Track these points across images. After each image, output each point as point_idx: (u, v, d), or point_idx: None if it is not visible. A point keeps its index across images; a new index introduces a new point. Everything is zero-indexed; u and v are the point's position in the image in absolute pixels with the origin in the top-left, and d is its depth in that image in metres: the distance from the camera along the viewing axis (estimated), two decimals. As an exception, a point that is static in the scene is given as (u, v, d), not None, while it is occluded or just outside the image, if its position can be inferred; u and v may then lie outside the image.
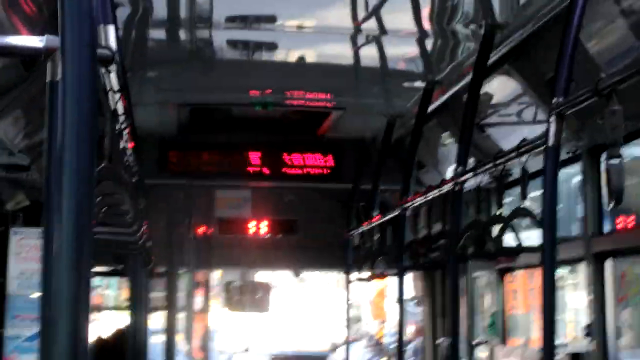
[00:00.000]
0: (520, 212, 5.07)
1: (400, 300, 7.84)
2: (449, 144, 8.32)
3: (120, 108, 4.06)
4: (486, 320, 9.59)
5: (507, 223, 5.15)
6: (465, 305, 9.45)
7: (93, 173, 2.20)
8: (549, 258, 4.19)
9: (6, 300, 8.47)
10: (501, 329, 9.10)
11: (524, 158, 4.84)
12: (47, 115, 2.47)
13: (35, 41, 2.63)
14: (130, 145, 4.96)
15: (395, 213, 7.70)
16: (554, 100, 4.25)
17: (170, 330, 8.98)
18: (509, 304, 9.14)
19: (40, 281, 2.28)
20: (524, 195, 4.95)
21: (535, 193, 5.28)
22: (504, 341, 9.03)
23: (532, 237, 5.58)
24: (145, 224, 6.56)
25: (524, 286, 9.26)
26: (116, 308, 12.29)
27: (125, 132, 4.60)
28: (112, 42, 3.48)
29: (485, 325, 9.56)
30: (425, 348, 11.41)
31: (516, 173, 5.47)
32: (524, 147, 4.77)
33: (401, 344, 7.89)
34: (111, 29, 3.48)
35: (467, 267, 9.32)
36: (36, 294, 8.59)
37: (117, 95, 3.85)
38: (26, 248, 8.58)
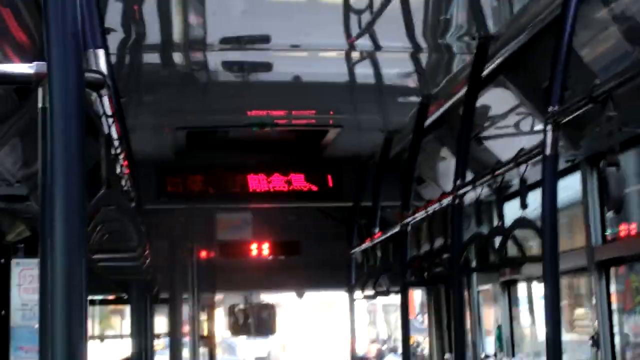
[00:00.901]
0: (521, 222, 5.04)
1: (405, 316, 7.80)
2: (447, 158, 8.30)
3: (114, 133, 4.04)
4: (492, 334, 9.55)
5: (509, 234, 5.12)
6: (470, 320, 9.42)
7: (83, 200, 2.18)
8: (551, 268, 4.17)
9: (10, 332, 8.44)
10: (508, 343, 9.05)
11: (522, 168, 4.81)
12: (40, 143, 2.46)
13: (25, 68, 2.62)
14: (126, 170, 4.94)
15: (396, 229, 7.67)
16: (550, 108, 4.24)
17: (175, 356, 8.93)
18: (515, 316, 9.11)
19: (38, 311, 2.26)
20: (523, 206, 4.93)
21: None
22: (511, 354, 8.99)
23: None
24: (147, 248, 6.54)
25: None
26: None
27: (121, 157, 4.58)
28: (103, 67, 3.46)
29: (491, 339, 9.52)
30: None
31: (516, 184, 5.47)
32: (522, 157, 4.74)
33: (407, 357, 7.85)
34: (101, 54, 3.46)
35: (471, 280, 9.30)
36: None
37: (111, 120, 3.82)
38: (28, 279, 8.56)
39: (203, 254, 11.03)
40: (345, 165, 9.95)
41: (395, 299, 8.87)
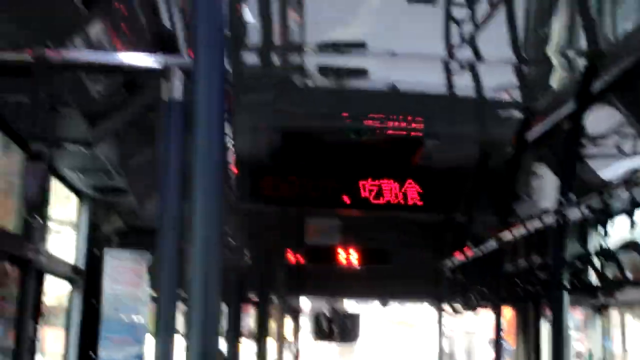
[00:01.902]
0: (631, 245, 4.92)
1: (498, 333, 7.70)
2: (544, 174, 8.18)
3: (228, 130, 4.05)
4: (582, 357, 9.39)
5: (615, 256, 5.00)
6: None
7: (222, 190, 2.17)
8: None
9: (99, 322, 8.53)
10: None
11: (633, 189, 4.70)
12: (164, 133, 2.46)
13: (147, 60, 2.63)
14: (234, 170, 4.95)
15: (492, 244, 7.57)
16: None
17: (261, 356, 8.95)
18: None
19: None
20: (632, 226, 4.81)
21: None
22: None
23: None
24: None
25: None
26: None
27: (229, 154, 4.59)
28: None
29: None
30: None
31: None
32: (633, 177, 4.64)
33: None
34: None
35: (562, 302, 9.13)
36: (129, 317, 8.64)
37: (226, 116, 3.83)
38: (121, 271, 8.64)
39: (291, 258, 11.03)
40: (439, 176, 9.85)
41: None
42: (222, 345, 6.85)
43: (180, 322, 2.51)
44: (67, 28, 3.74)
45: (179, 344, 2.51)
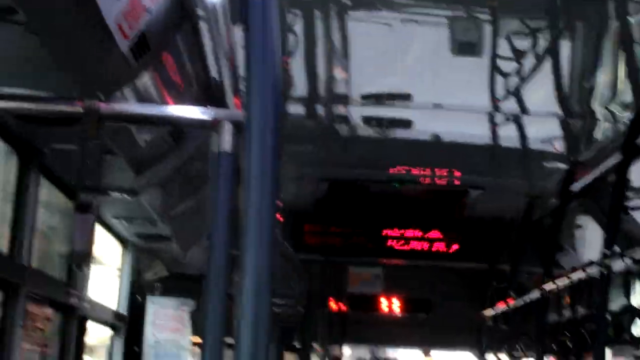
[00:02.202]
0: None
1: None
2: (588, 226, 8.13)
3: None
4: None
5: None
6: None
7: (273, 240, 2.18)
8: None
9: (142, 369, 8.56)
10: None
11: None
12: (214, 184, 2.49)
13: (197, 113, 2.67)
14: (280, 218, 4.97)
15: (537, 294, 7.52)
16: None
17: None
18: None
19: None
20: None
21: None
22: None
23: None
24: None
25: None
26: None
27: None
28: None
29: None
30: None
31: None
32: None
33: None
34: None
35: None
36: (170, 364, 8.66)
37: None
38: (163, 318, 8.68)
39: (334, 305, 11.02)
40: (483, 227, 9.82)
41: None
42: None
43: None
44: (116, 79, 3.80)
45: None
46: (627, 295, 5.73)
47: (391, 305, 11.39)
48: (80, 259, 3.33)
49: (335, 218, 9.82)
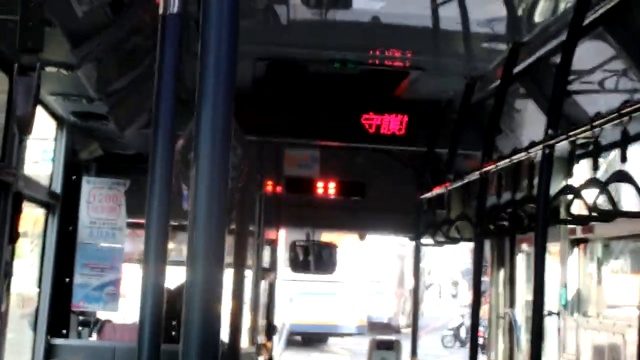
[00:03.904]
0: (621, 176, 4.90)
1: (478, 267, 7.70)
2: (529, 108, 8.14)
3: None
4: (557, 291, 9.45)
5: (606, 187, 4.98)
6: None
7: (230, 114, 2.08)
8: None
9: (76, 249, 8.50)
10: (574, 301, 8.95)
11: (625, 119, 4.66)
12: (159, 50, 2.38)
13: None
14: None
15: (475, 176, 7.54)
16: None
17: (238, 286, 8.92)
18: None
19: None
20: (624, 159, 4.78)
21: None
22: (576, 312, 8.90)
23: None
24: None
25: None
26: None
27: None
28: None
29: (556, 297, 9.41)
30: (491, 318, 11.29)
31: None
32: (628, 109, 4.59)
33: (477, 312, 7.73)
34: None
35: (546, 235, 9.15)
36: (106, 244, 8.61)
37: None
38: (98, 197, 8.60)
39: (270, 188, 10.99)
40: (422, 109, 9.78)
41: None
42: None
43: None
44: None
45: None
46: (568, 176, 5.75)
47: (327, 188, 11.40)
48: (23, 123, 3.20)
49: (273, 99, 9.71)
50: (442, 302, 52.46)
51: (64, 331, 8.35)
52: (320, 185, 11.43)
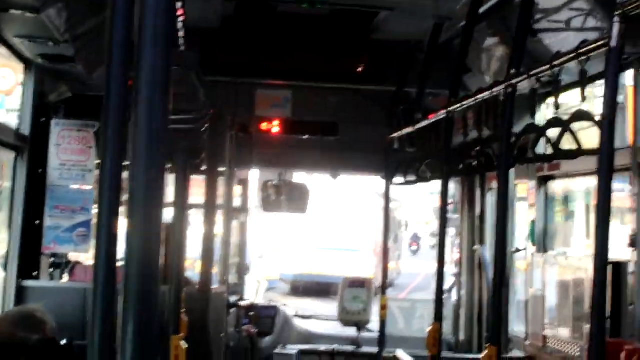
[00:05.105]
0: (581, 115, 4.96)
1: (444, 205, 7.78)
2: (496, 48, 8.16)
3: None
4: (524, 228, 9.57)
5: (567, 126, 5.04)
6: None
7: (170, 52, 2.11)
8: (606, 162, 4.11)
9: (46, 191, 8.53)
10: (540, 238, 9.06)
11: (583, 59, 4.71)
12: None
13: None
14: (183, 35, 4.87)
15: (442, 116, 7.58)
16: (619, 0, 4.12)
17: (208, 226, 8.98)
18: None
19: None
20: (583, 98, 4.84)
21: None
22: (543, 249, 9.01)
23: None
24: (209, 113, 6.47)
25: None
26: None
27: (181, 19, 4.50)
28: None
29: (524, 234, 9.53)
30: (462, 255, 11.42)
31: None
32: (585, 49, 4.64)
33: (442, 251, 7.82)
34: None
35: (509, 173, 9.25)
36: (76, 186, 8.63)
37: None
38: (67, 140, 8.60)
39: (241, 128, 10.99)
40: (392, 49, 9.80)
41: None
42: (169, 215, 6.87)
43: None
44: None
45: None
46: (532, 114, 5.81)
47: (300, 128, 11.42)
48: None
49: (243, 39, 9.68)
50: (422, 256, 48.89)
51: (35, 273, 8.40)
52: (292, 125, 11.44)
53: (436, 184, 8.48)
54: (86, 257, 9.24)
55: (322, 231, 32.90)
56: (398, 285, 34.69)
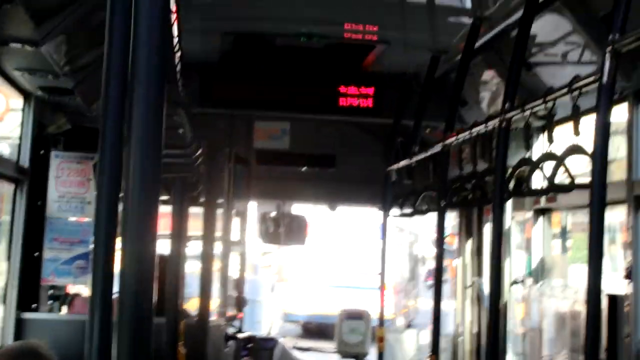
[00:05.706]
0: (575, 149, 5.00)
1: (440, 238, 7.80)
2: (493, 82, 8.24)
3: (175, 30, 4.02)
4: (522, 260, 9.58)
5: (562, 160, 5.09)
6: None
7: (164, 89, 2.15)
8: (598, 196, 4.15)
9: (45, 223, 8.55)
10: (539, 270, 9.08)
11: (575, 94, 4.76)
12: (109, 32, 2.43)
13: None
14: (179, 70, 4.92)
15: (438, 149, 7.64)
16: (610, 36, 4.17)
17: (207, 258, 9.01)
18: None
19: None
20: (577, 132, 4.89)
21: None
22: (540, 280, 9.03)
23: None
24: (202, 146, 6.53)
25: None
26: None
27: (177, 56, 4.56)
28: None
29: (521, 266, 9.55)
30: (457, 287, 11.43)
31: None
32: (577, 84, 4.70)
33: (439, 284, 7.84)
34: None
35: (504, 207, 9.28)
36: (75, 217, 8.66)
37: (173, 17, 3.80)
38: (66, 171, 8.64)
39: (239, 160, 11.04)
40: (389, 82, 9.87)
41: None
42: (167, 246, 6.89)
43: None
44: None
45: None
46: (527, 148, 5.85)
47: (297, 160, 11.48)
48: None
49: (242, 72, 9.76)
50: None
51: (34, 305, 8.41)
52: (290, 157, 11.51)
53: (448, 216, 8.50)
54: (85, 288, 9.25)
55: (336, 267, 31.61)
56: (416, 324, 33.25)
